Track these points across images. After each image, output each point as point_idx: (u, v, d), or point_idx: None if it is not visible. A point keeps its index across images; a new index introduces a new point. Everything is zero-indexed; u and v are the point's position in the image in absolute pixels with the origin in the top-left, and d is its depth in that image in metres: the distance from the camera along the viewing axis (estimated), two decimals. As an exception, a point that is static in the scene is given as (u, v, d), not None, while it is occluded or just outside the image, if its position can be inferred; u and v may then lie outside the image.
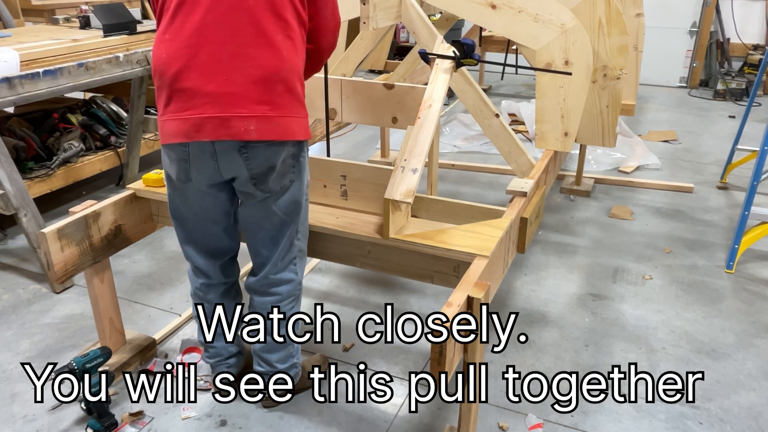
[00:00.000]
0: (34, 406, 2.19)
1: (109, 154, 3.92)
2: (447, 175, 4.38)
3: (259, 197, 1.83)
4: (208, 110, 1.65)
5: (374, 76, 5.86)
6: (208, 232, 1.97)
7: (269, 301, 2.01)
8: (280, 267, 1.97)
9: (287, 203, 1.86)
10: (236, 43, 1.65)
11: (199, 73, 1.65)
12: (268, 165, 1.75)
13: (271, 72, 1.68)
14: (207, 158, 1.73)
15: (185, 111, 1.66)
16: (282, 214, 1.87)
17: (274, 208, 1.85)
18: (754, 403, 2.24)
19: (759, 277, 3.06)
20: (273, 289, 2.00)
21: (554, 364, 2.42)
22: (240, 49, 1.65)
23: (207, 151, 1.72)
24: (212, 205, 1.89)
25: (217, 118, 1.65)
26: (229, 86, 1.65)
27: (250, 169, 1.74)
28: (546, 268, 3.12)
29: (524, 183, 2.28)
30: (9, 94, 2.79)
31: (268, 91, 1.68)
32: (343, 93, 2.43)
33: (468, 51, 2.20)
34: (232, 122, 1.65)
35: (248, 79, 1.66)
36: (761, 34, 6.72)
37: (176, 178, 1.83)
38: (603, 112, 2.86)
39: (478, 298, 1.60)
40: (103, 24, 3.41)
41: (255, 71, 1.66)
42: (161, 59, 1.69)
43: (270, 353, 2.09)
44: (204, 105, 1.65)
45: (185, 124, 1.67)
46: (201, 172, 1.78)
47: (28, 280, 3.02)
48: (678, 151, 4.86)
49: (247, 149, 1.71)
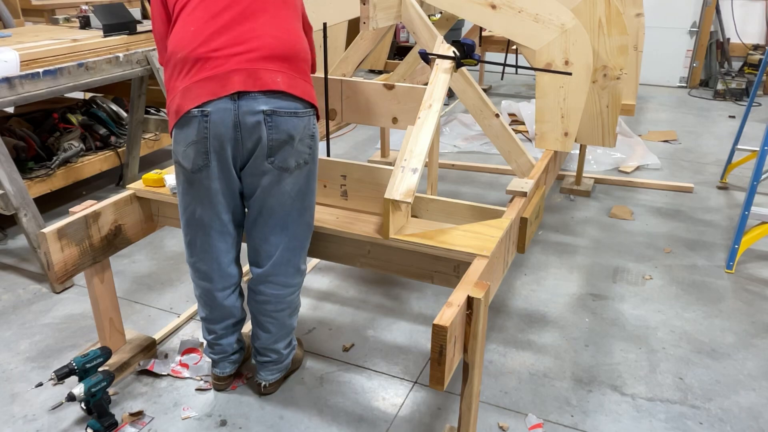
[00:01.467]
0: (34, 406, 2.19)
1: (109, 154, 3.93)
2: (447, 175, 4.38)
3: (272, 176, 1.84)
4: (236, 65, 1.73)
5: (374, 76, 5.87)
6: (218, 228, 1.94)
7: (282, 294, 2.03)
8: (300, 256, 2.01)
9: (299, 186, 1.89)
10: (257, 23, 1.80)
11: (225, 42, 1.76)
12: (287, 135, 1.80)
13: (288, 46, 1.83)
14: (229, 126, 1.75)
15: (213, 69, 1.73)
16: (294, 197, 1.90)
17: (287, 188, 1.87)
18: (754, 403, 2.24)
19: (759, 277, 3.06)
20: (286, 280, 2.01)
21: (554, 364, 2.42)
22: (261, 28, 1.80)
23: (229, 118, 1.73)
24: (226, 190, 1.87)
25: (245, 70, 1.74)
26: (254, 50, 1.76)
27: (271, 138, 1.78)
28: (546, 268, 3.12)
29: (524, 183, 2.28)
30: (9, 94, 2.79)
31: (290, 57, 1.82)
32: (343, 93, 2.43)
33: (468, 51, 2.20)
34: (260, 74, 1.75)
35: (270, 49, 1.79)
36: (761, 34, 6.72)
37: (192, 164, 1.81)
38: (603, 112, 2.86)
39: (478, 298, 1.60)
40: (103, 24, 3.41)
41: (275, 45, 1.80)
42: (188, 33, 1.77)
43: (277, 343, 2.14)
44: (231, 62, 1.74)
45: (211, 82, 1.72)
46: (221, 146, 1.77)
47: (28, 280, 3.02)
48: (678, 151, 4.86)
49: (272, 118, 1.77)
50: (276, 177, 1.84)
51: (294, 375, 2.34)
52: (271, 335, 2.11)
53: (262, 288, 2.02)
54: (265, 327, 2.10)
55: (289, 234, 1.95)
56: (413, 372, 2.38)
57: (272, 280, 2.01)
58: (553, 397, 2.26)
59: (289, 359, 2.23)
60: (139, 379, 2.32)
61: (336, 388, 2.29)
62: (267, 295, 2.03)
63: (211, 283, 2.04)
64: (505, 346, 2.53)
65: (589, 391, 2.29)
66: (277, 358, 2.17)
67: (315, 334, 2.60)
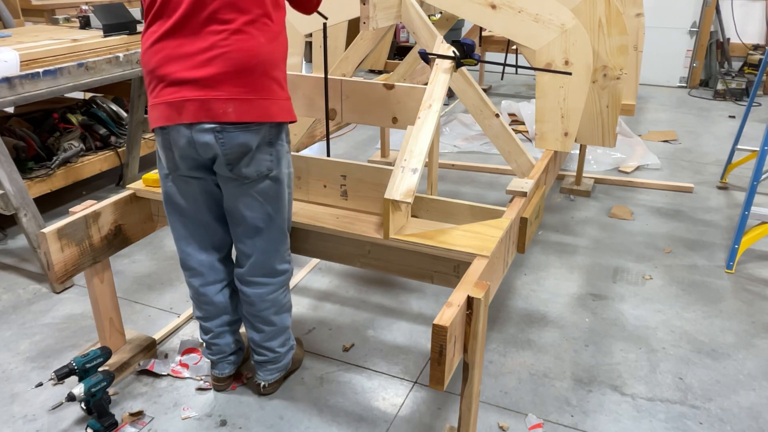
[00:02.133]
0: (34, 406, 2.19)
1: (109, 154, 3.92)
2: (447, 175, 4.38)
3: (237, 183, 1.87)
4: (189, 93, 1.73)
5: (374, 76, 5.87)
6: (201, 223, 2.00)
7: (263, 292, 2.04)
8: (276, 257, 2.01)
9: (267, 191, 1.89)
10: (212, 33, 1.73)
11: (181, 61, 1.74)
12: (241, 150, 1.79)
13: (246, 59, 1.74)
14: (186, 143, 1.80)
15: (169, 95, 1.76)
16: (263, 202, 1.90)
17: (255, 194, 1.88)
18: (754, 403, 2.24)
19: (759, 277, 3.06)
20: (266, 279, 2.02)
21: (554, 364, 2.42)
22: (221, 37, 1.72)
23: (185, 136, 1.78)
24: (203, 190, 1.93)
25: (197, 100, 1.73)
26: (208, 72, 1.72)
27: (225, 154, 1.79)
28: (546, 268, 3.12)
29: (524, 183, 2.28)
30: (9, 94, 2.79)
31: (245, 76, 1.75)
32: (343, 93, 2.43)
33: (468, 51, 2.19)
34: (211, 104, 1.73)
35: (226, 66, 1.73)
36: (761, 34, 6.72)
37: (167, 166, 1.91)
38: (603, 112, 2.86)
39: (478, 298, 1.60)
40: (103, 24, 3.41)
41: (231, 60, 1.73)
42: (147, 51, 1.80)
43: (270, 341, 2.14)
44: (185, 89, 1.74)
45: (168, 108, 1.76)
46: (183, 158, 1.84)
47: (28, 280, 3.02)
48: (678, 151, 4.86)
49: (222, 134, 1.76)
50: (240, 184, 1.87)
51: (294, 375, 2.34)
52: (264, 334, 2.12)
53: (244, 288, 2.06)
54: (255, 326, 2.12)
55: (263, 237, 1.96)
56: (413, 372, 2.38)
57: (251, 280, 2.04)
58: (553, 397, 2.26)
59: (287, 359, 2.23)
60: (139, 379, 2.32)
61: (336, 388, 2.29)
62: (248, 294, 2.06)
63: (196, 277, 2.09)
64: (505, 346, 2.53)
65: (589, 391, 2.29)
66: (273, 357, 2.17)
67: (315, 334, 2.60)
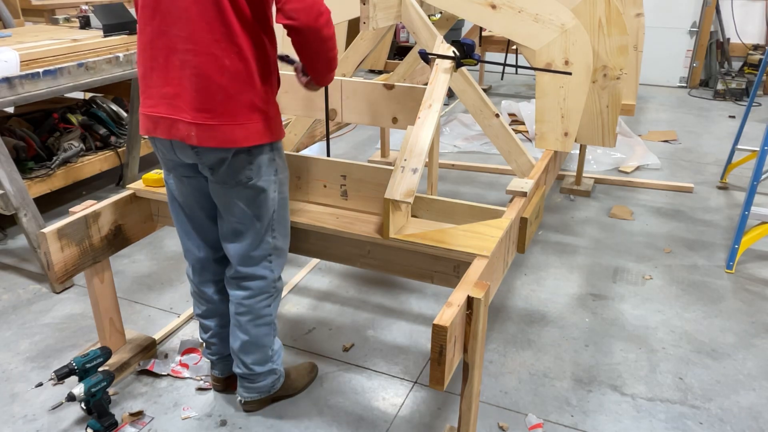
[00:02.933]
0: (34, 406, 2.19)
1: (109, 154, 3.92)
2: (447, 175, 4.38)
3: (219, 187, 1.88)
4: (163, 110, 1.77)
5: (374, 76, 5.86)
6: (197, 221, 2.01)
7: (240, 295, 2.01)
8: (252, 262, 1.97)
9: (249, 198, 1.87)
10: (184, 51, 1.70)
11: (157, 73, 1.76)
12: (216, 159, 1.81)
13: (210, 81, 1.70)
14: (168, 149, 1.86)
15: (148, 107, 1.81)
16: (245, 207, 1.88)
17: (236, 199, 1.88)
18: (754, 403, 2.24)
19: (759, 277, 3.06)
20: (244, 283, 2.00)
21: (554, 364, 2.42)
22: (186, 57, 1.70)
23: (165, 145, 1.85)
24: (195, 189, 1.95)
25: (168, 119, 1.77)
26: (178, 90, 1.74)
27: (203, 163, 1.83)
28: (546, 268, 3.12)
29: (524, 183, 2.28)
30: (9, 94, 2.79)
31: (209, 100, 1.72)
32: (343, 93, 2.43)
33: (468, 51, 2.19)
34: (179, 125, 1.76)
35: (192, 86, 1.72)
36: (761, 34, 6.72)
37: (163, 166, 1.98)
38: (603, 112, 2.86)
39: (478, 298, 1.60)
40: (103, 24, 3.41)
41: (197, 80, 1.71)
42: (137, 59, 1.85)
43: (245, 354, 2.06)
44: (161, 104, 1.78)
45: (147, 120, 1.82)
46: (170, 160, 1.90)
47: (28, 280, 3.02)
48: (678, 151, 4.86)
49: (196, 148, 1.80)
50: (222, 186, 1.87)
51: (294, 375, 2.34)
52: (241, 343, 2.04)
53: (227, 288, 2.06)
54: (234, 332, 2.06)
55: (244, 243, 1.94)
56: (413, 372, 2.38)
57: (231, 281, 2.03)
58: (553, 397, 2.26)
59: (265, 382, 2.12)
60: (139, 379, 2.32)
61: (336, 388, 2.29)
62: (230, 295, 2.04)
63: (195, 274, 2.10)
64: (505, 346, 2.53)
65: (589, 391, 2.29)
66: (248, 373, 2.08)
67: (315, 334, 2.60)
